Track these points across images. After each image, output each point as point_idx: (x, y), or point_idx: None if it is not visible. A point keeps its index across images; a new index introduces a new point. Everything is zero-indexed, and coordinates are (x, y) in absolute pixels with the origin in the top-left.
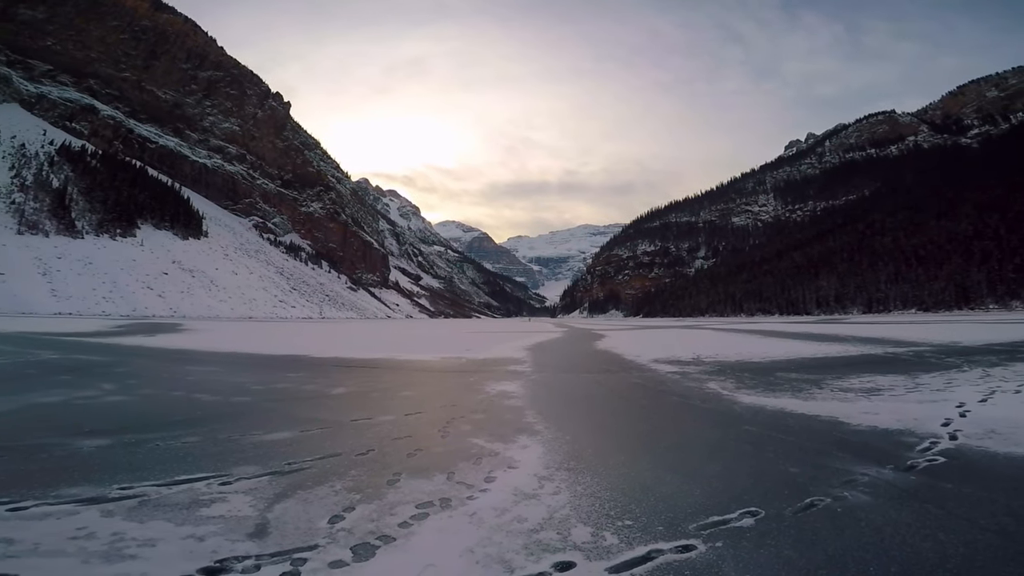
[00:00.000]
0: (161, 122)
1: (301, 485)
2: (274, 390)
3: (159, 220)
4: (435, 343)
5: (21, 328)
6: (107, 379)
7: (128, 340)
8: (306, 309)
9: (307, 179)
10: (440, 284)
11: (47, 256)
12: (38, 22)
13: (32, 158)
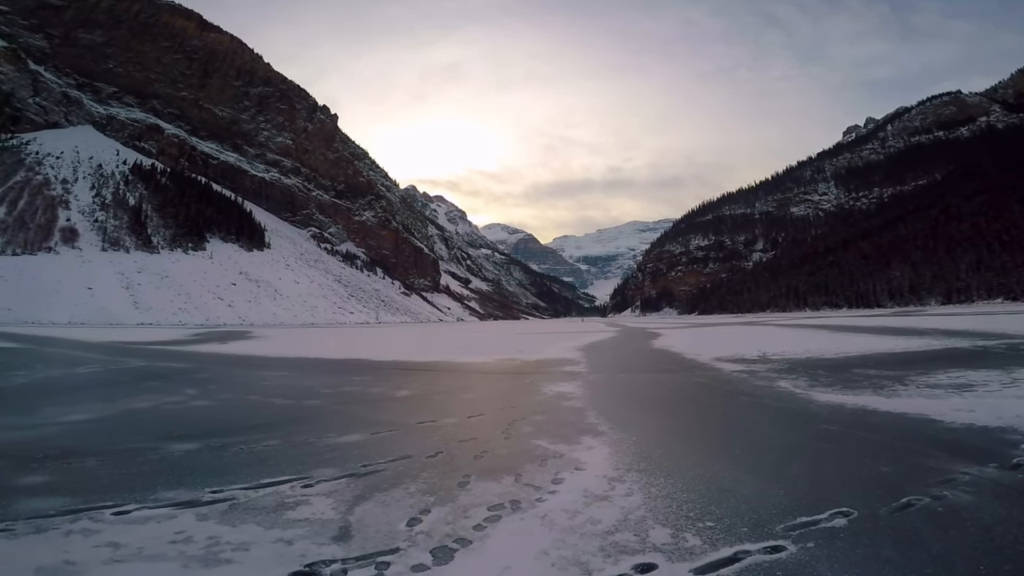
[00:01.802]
0: (220, 138)
1: (378, 487)
2: (342, 393)
3: (225, 233)
4: (488, 345)
5: (110, 338)
6: (190, 385)
7: (204, 348)
8: (363, 315)
9: (358, 189)
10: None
11: (128, 271)
12: (98, 45)
13: (109, 177)
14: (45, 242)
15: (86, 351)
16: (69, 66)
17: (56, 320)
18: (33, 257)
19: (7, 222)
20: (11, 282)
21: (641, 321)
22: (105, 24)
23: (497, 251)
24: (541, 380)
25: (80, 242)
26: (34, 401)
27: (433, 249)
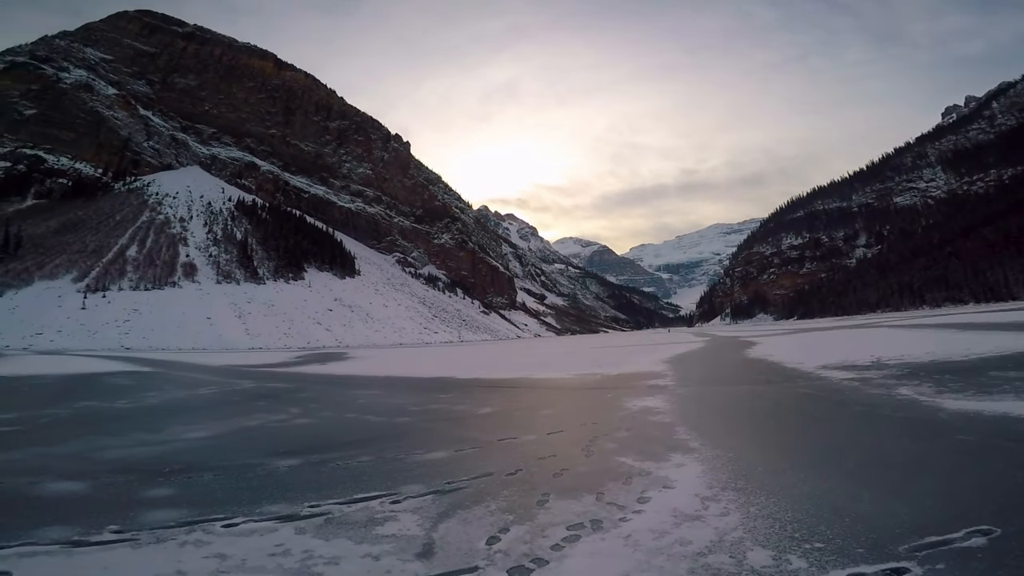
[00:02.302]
0: (309, 172)
1: (460, 505)
2: (429, 411)
3: (320, 263)
4: (567, 360)
5: (226, 362)
6: (293, 404)
7: (306, 369)
8: (447, 334)
9: (435, 213)
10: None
11: (240, 301)
12: (192, 89)
13: (218, 214)
14: (170, 277)
15: (206, 374)
16: (172, 110)
17: (182, 346)
18: (161, 291)
19: (139, 260)
20: (144, 314)
21: (732, 329)
22: (195, 68)
23: (571, 265)
24: (624, 395)
25: (199, 276)
26: (163, 420)
27: (508, 267)
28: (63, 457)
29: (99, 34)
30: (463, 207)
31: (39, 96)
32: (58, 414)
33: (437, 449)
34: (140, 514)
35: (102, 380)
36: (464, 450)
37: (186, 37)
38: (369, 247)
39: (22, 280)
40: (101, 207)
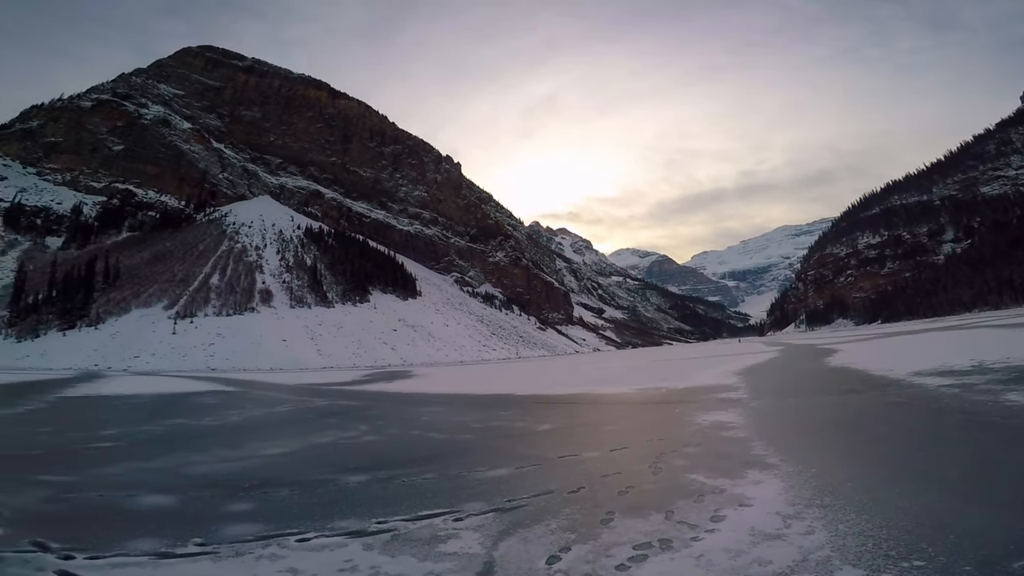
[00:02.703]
0: (369, 198)
1: (521, 523)
2: (490, 428)
3: (384, 285)
4: (629, 374)
5: (300, 381)
6: (362, 421)
7: (373, 387)
8: (505, 351)
9: (489, 231)
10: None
11: (311, 323)
12: (257, 121)
13: (288, 242)
14: (248, 303)
15: (282, 393)
16: (241, 141)
17: (261, 367)
18: (241, 316)
19: (221, 287)
20: (227, 337)
21: (809, 337)
22: (257, 100)
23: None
24: (692, 409)
25: (274, 301)
26: (244, 436)
27: (563, 282)
28: (155, 471)
29: (169, 70)
30: (515, 224)
31: (124, 132)
32: (152, 431)
33: (498, 466)
34: (222, 528)
35: (190, 399)
36: (525, 467)
37: (246, 70)
38: (428, 268)
39: (121, 308)
40: (186, 238)
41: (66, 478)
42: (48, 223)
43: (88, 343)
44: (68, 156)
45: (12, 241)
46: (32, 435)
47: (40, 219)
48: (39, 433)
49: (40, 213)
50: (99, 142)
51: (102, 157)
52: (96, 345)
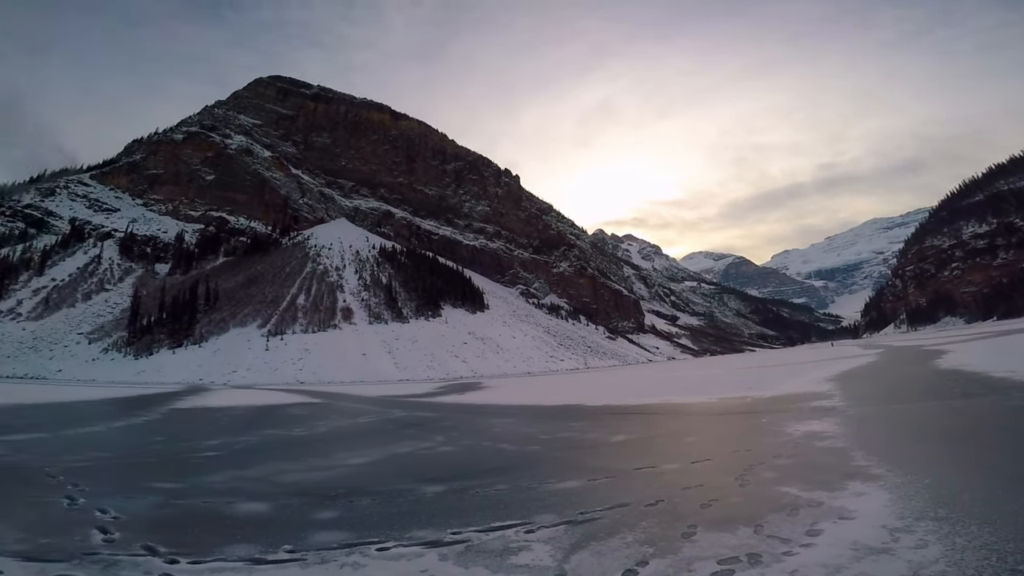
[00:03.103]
0: (435, 215)
1: (594, 536)
2: (560, 439)
3: (454, 300)
4: (708, 383)
5: (380, 393)
6: (438, 432)
7: (447, 399)
8: (573, 361)
9: (551, 242)
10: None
11: (388, 338)
12: (328, 146)
13: (365, 262)
14: (331, 320)
15: (364, 404)
16: (316, 167)
17: (343, 379)
18: (325, 333)
19: (307, 306)
20: (313, 353)
21: (912, 338)
22: (327, 127)
23: (703, 281)
24: (782, 419)
25: (354, 318)
26: (331, 446)
27: (632, 290)
28: (252, 480)
29: (246, 101)
30: (578, 233)
31: (214, 162)
32: (249, 441)
33: (569, 478)
34: (310, 535)
35: (282, 411)
36: (598, 479)
37: (313, 98)
38: (494, 281)
39: (221, 328)
40: (274, 261)
41: (175, 485)
42: (156, 251)
43: (193, 359)
44: (169, 187)
45: (127, 269)
46: (148, 444)
47: (149, 247)
48: (154, 442)
49: (149, 242)
50: (193, 172)
51: (197, 187)
52: (200, 361)
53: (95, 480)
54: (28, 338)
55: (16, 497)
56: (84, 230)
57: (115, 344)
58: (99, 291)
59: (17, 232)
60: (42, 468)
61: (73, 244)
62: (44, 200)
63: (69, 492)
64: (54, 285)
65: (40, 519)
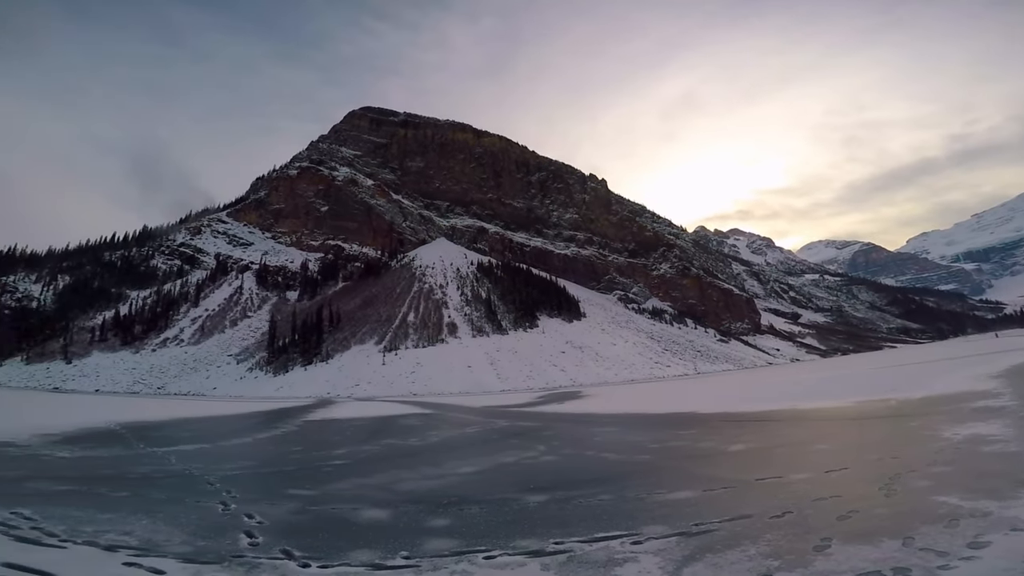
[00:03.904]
0: (526, 227)
1: (710, 548)
2: (670, 448)
3: (550, 310)
4: (842, 385)
5: (484, 403)
6: (540, 441)
7: (547, 408)
8: (680, 367)
9: (648, 244)
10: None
11: (491, 350)
12: (422, 169)
13: (465, 278)
14: (438, 335)
15: (470, 415)
16: (414, 191)
17: (451, 391)
18: (433, 347)
19: (416, 323)
20: (424, 366)
21: None
22: (418, 151)
23: (827, 273)
24: (937, 422)
25: (459, 332)
26: (442, 455)
27: (744, 288)
28: (374, 487)
29: (344, 134)
30: (676, 232)
31: (325, 194)
32: (371, 450)
33: (682, 488)
34: (424, 542)
35: (399, 421)
36: (714, 490)
37: (402, 125)
38: (590, 288)
39: (343, 346)
40: (385, 283)
41: (310, 492)
42: (286, 279)
43: (322, 375)
44: (291, 220)
45: (264, 297)
46: (287, 454)
47: (280, 277)
48: (292, 452)
49: (279, 272)
50: (309, 205)
51: (314, 218)
52: (327, 376)
53: (244, 487)
54: (189, 360)
55: (184, 502)
56: (227, 264)
57: (258, 364)
58: (243, 318)
59: (175, 268)
60: (203, 476)
61: (219, 277)
62: (193, 238)
63: (223, 498)
64: (207, 314)
65: (200, 523)
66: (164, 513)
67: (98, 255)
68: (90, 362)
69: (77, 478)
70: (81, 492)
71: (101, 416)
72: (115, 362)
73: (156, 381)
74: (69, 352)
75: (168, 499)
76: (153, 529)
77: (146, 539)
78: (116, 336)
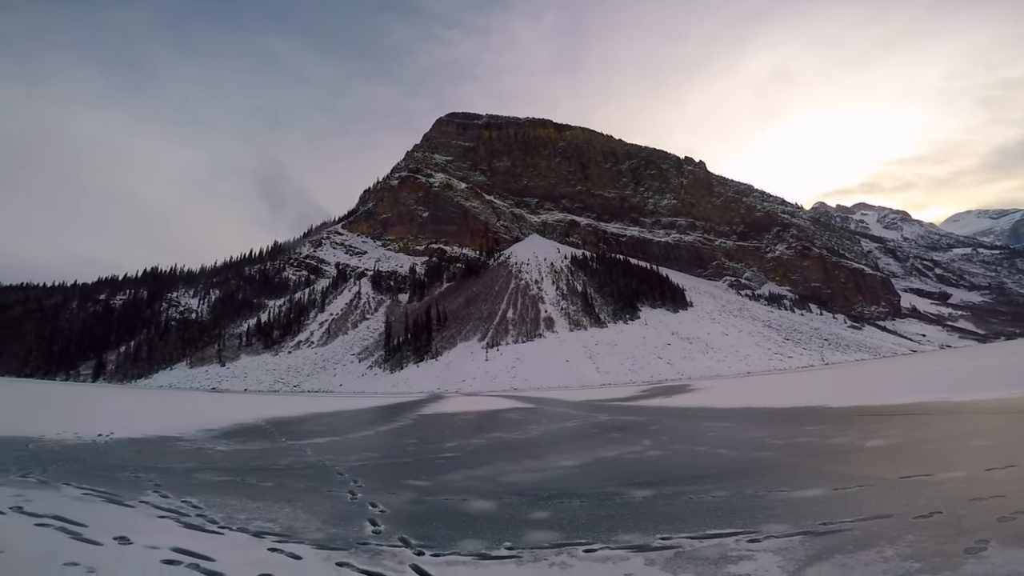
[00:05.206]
0: (620, 217)
1: (839, 548)
2: (795, 444)
3: (652, 300)
4: (1007, 375)
5: (583, 397)
6: (645, 436)
7: (652, 402)
8: (804, 357)
9: (759, 224)
10: (983, 296)
11: (589, 343)
12: (509, 168)
13: (559, 272)
14: (536, 330)
15: (570, 409)
16: (504, 190)
17: (551, 385)
18: (532, 342)
19: (515, 319)
20: (524, 361)
21: None
22: (504, 151)
23: (981, 246)
24: None
25: (556, 327)
26: (543, 448)
27: (877, 266)
28: (481, 479)
29: (434, 141)
30: (791, 210)
31: (424, 200)
32: (478, 443)
33: (808, 486)
34: (526, 533)
35: (502, 415)
36: (847, 488)
37: (486, 127)
38: (695, 276)
39: (450, 343)
40: (485, 281)
41: (425, 483)
42: (397, 283)
43: (432, 371)
44: (397, 227)
45: (379, 300)
46: (405, 446)
47: (392, 281)
48: (408, 444)
49: (391, 277)
50: (412, 212)
51: (417, 224)
52: (437, 372)
53: (369, 478)
54: (319, 360)
55: (319, 491)
56: (345, 272)
57: (376, 362)
58: (362, 320)
59: (303, 278)
60: (334, 467)
61: (340, 284)
62: (315, 250)
63: (351, 488)
64: (332, 318)
65: (332, 511)
66: (303, 502)
67: (240, 270)
68: (239, 364)
69: (232, 469)
70: (236, 483)
71: (250, 413)
72: (259, 364)
73: (292, 379)
74: (222, 356)
75: (306, 488)
76: (294, 517)
77: (288, 526)
78: (259, 341)
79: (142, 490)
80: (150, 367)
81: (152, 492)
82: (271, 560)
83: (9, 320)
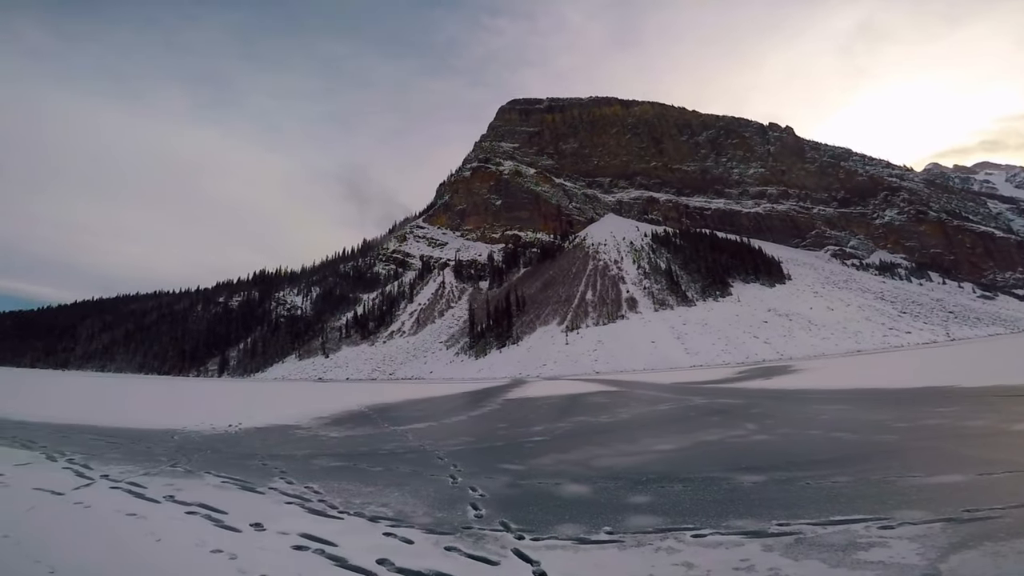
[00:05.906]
0: (703, 191)
1: (988, 535)
2: (924, 427)
3: (745, 275)
4: None
5: (673, 380)
6: (748, 419)
7: (750, 384)
8: (925, 333)
9: (862, 189)
10: None
11: (675, 323)
12: (577, 150)
13: (640, 251)
14: (618, 312)
15: (660, 391)
16: (574, 172)
17: (635, 368)
18: (614, 324)
19: (595, 301)
20: (606, 343)
21: None
22: (569, 133)
23: None
24: None
25: (639, 307)
26: (636, 432)
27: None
28: (572, 463)
29: (499, 129)
30: (901, 173)
31: (497, 189)
32: (565, 427)
33: (945, 472)
34: (626, 518)
35: (587, 399)
36: (994, 474)
37: (548, 110)
38: (793, 247)
39: (529, 328)
40: (561, 264)
41: (518, 467)
42: (477, 271)
43: (514, 356)
44: (473, 217)
45: (462, 289)
46: (496, 430)
47: (472, 269)
48: (499, 428)
49: (471, 265)
50: (485, 201)
51: (492, 212)
52: (519, 357)
53: (466, 462)
54: (410, 348)
55: (423, 476)
56: (430, 263)
57: (462, 348)
58: (447, 308)
59: (392, 272)
60: (434, 452)
61: (425, 275)
62: (400, 245)
63: (452, 472)
64: (420, 308)
65: (436, 495)
66: (410, 486)
67: (335, 267)
68: (341, 355)
69: (344, 455)
70: (349, 468)
71: (354, 400)
72: (358, 354)
73: (388, 367)
74: (326, 348)
75: (411, 473)
76: (403, 501)
77: (398, 510)
78: (356, 332)
79: (270, 477)
80: (265, 361)
81: (279, 479)
82: (386, 545)
83: (148, 325)
